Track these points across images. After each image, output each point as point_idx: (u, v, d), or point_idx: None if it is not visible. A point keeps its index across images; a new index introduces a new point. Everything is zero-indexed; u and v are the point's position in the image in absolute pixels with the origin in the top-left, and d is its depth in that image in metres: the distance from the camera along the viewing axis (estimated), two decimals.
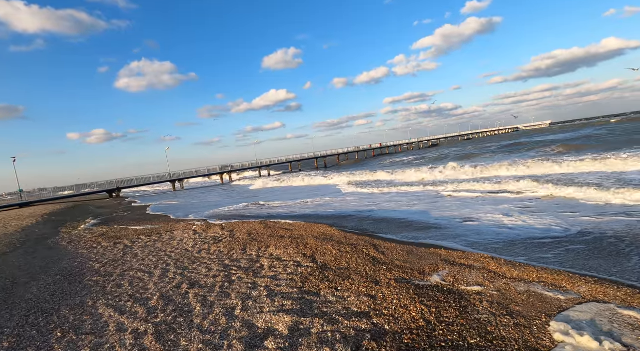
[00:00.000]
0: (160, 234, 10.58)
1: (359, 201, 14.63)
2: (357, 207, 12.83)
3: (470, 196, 12.33)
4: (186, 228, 11.07)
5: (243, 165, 56.03)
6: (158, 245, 8.98)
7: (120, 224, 14.51)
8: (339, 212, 12.24)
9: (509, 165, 18.43)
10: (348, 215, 11.37)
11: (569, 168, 15.70)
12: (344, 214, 11.58)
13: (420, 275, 4.54)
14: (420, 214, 10.03)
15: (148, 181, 45.64)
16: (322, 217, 11.37)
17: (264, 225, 9.76)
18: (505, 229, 7.28)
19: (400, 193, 15.57)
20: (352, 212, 11.88)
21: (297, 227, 9.12)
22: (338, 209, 12.83)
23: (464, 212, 9.67)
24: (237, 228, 10.05)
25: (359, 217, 10.79)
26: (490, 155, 32.75)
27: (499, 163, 19.22)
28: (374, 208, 12.20)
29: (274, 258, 6.46)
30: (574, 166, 15.70)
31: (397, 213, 10.60)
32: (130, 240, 10.14)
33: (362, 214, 11.15)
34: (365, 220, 10.06)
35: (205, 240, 8.88)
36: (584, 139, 35.07)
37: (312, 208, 14.00)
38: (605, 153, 18.33)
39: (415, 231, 7.91)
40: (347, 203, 14.42)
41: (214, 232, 9.97)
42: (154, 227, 12.48)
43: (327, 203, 14.99)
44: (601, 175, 13.18)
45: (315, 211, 13.04)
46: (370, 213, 11.08)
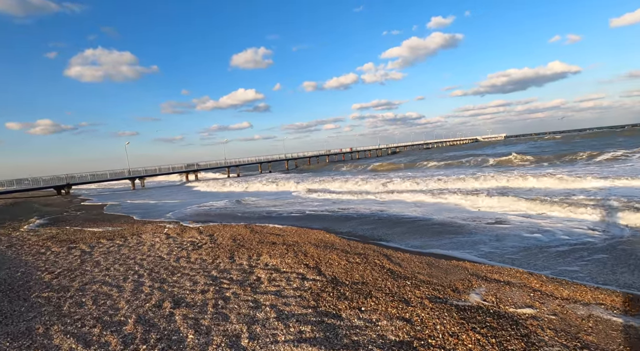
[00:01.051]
0: (125, 238, 9.21)
1: (334, 204, 14.09)
2: (336, 209, 12.27)
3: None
4: (156, 231, 9.78)
5: (210, 164, 53.46)
6: (124, 251, 7.71)
7: (74, 225, 12.69)
8: (327, 214, 11.57)
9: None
10: (338, 216, 10.74)
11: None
12: (333, 216, 10.93)
13: (454, 292, 4.00)
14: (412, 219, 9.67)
15: (104, 177, 41.83)
16: (312, 220, 10.63)
17: (250, 230, 8.81)
18: (510, 233, 7.06)
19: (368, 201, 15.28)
20: (337, 213, 11.28)
21: (289, 232, 8.31)
22: (323, 211, 12.17)
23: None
24: (217, 232, 9.00)
25: (341, 217, 10.21)
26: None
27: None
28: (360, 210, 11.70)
29: (270, 268, 5.62)
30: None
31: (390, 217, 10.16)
32: (88, 244, 8.70)
33: (349, 216, 10.59)
34: (361, 224, 9.48)
35: (182, 246, 7.77)
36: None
37: (296, 211, 13.19)
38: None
39: (423, 238, 7.46)
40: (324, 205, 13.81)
41: (191, 236, 8.84)
42: (116, 229, 10.97)
43: (307, 205, 14.27)
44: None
45: (302, 213, 12.26)
46: (362, 215, 10.55)
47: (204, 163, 52.25)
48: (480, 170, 22.97)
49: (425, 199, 13.19)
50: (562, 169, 19.43)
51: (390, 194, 15.37)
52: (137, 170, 43.78)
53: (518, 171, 18.92)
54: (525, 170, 20.54)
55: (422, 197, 13.64)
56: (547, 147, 46.13)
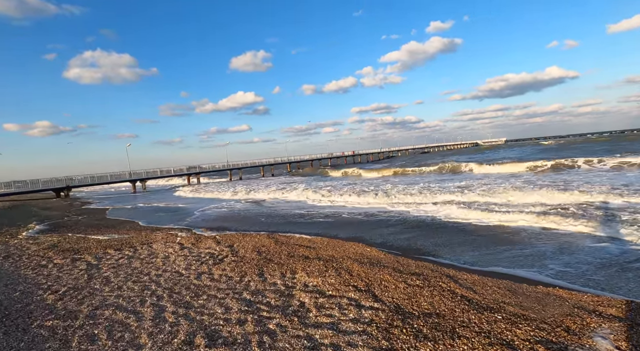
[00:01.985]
0: (134, 248, 8.38)
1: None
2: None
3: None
4: (168, 241, 8.94)
5: (213, 166, 52.62)
6: (136, 264, 6.88)
7: (76, 231, 11.84)
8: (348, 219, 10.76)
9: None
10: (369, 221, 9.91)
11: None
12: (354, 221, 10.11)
13: (569, 334, 3.17)
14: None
15: (104, 180, 40.92)
16: (338, 228, 9.81)
17: (274, 240, 7.99)
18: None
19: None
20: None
21: (320, 243, 7.49)
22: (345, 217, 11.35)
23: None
24: (237, 242, 8.17)
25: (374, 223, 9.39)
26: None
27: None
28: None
29: (312, 291, 4.80)
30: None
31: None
32: (94, 255, 7.86)
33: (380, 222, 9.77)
34: (395, 233, 8.66)
35: (200, 259, 6.94)
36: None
37: (317, 215, 12.37)
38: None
39: (474, 251, 6.66)
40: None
41: (208, 246, 8.02)
42: (123, 236, 10.13)
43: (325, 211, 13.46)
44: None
45: (324, 219, 11.44)
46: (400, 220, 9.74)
47: (206, 166, 51.39)
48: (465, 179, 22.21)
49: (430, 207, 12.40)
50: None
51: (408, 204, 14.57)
52: (138, 173, 42.91)
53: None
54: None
55: (432, 206, 12.86)
56: (541, 152, 45.44)
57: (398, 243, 7.78)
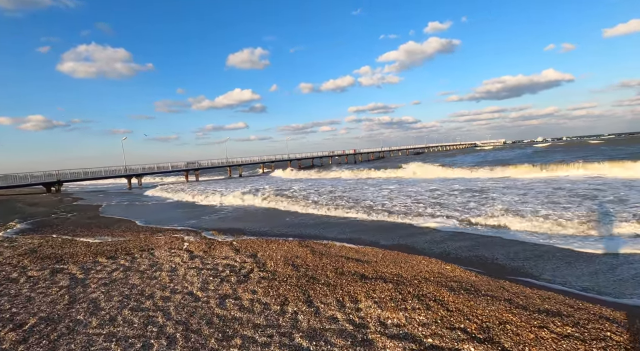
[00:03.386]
0: (131, 255, 6.76)
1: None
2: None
3: None
4: (173, 246, 7.33)
5: (212, 163, 50.79)
6: (134, 279, 5.27)
7: (62, 232, 10.17)
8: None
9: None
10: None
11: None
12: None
13: None
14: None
15: (98, 175, 38.97)
16: (374, 233, 8.25)
17: (309, 249, 6.39)
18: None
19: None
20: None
21: (374, 256, 5.90)
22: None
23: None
24: (261, 250, 6.58)
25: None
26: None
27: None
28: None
29: (398, 335, 3.23)
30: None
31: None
32: (81, 265, 6.23)
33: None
34: (451, 240, 7.12)
35: (218, 273, 5.35)
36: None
37: (343, 219, 10.79)
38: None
39: (567, 266, 5.14)
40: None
41: (225, 255, 6.42)
42: (118, 240, 8.49)
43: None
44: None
45: (354, 223, 9.86)
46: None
47: (205, 162, 49.56)
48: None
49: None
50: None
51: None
52: (134, 168, 41.03)
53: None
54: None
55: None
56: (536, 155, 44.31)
57: (463, 255, 6.24)
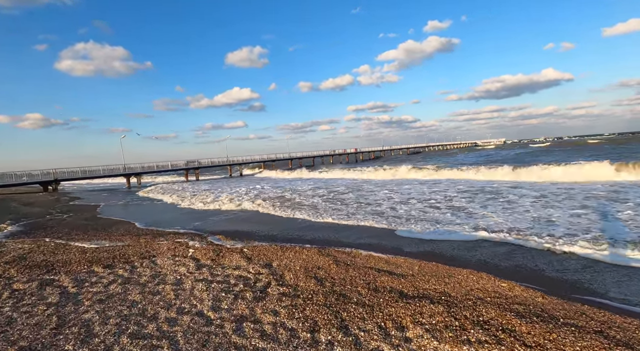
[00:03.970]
0: (131, 263, 6.07)
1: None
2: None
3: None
4: (177, 253, 6.64)
5: (212, 162, 50.05)
6: (134, 295, 4.59)
7: (56, 235, 9.47)
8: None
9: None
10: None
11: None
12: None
13: None
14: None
15: (96, 174, 38.18)
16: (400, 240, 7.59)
17: (332, 259, 5.70)
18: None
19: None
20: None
21: (408, 267, 5.19)
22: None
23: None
24: (276, 259, 5.89)
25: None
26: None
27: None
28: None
29: None
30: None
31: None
32: (74, 276, 5.54)
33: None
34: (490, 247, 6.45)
35: (230, 287, 4.66)
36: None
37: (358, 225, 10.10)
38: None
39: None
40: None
41: (235, 264, 5.73)
42: (116, 245, 7.80)
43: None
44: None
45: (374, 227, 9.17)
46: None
47: (205, 161, 48.80)
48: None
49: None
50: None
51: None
52: (133, 167, 40.27)
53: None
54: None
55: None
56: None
57: (502, 264, 5.56)
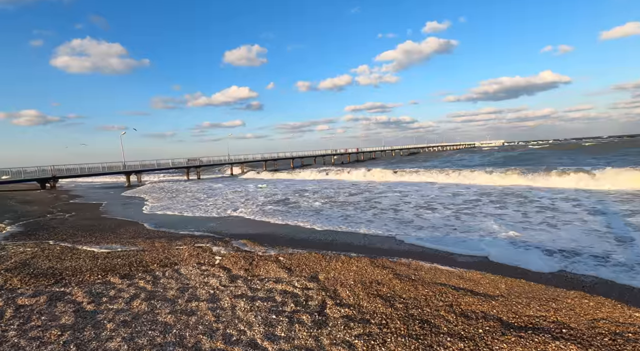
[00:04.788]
0: (151, 273, 5.30)
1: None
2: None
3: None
4: (201, 260, 5.87)
5: (213, 160, 49.14)
6: (164, 314, 3.81)
7: (61, 237, 8.65)
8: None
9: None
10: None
11: None
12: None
13: None
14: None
15: (96, 171, 37.12)
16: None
17: (390, 272, 4.93)
18: None
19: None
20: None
21: (492, 286, 4.43)
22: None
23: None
24: (321, 270, 5.13)
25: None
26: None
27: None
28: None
29: None
30: None
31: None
32: (88, 286, 4.76)
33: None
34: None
35: (278, 307, 3.90)
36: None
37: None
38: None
39: None
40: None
41: (274, 275, 4.97)
42: (129, 250, 7.01)
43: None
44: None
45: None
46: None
47: (206, 159, 47.86)
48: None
49: None
50: None
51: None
52: (133, 165, 39.29)
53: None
54: None
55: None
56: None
57: (587, 281, 4.84)
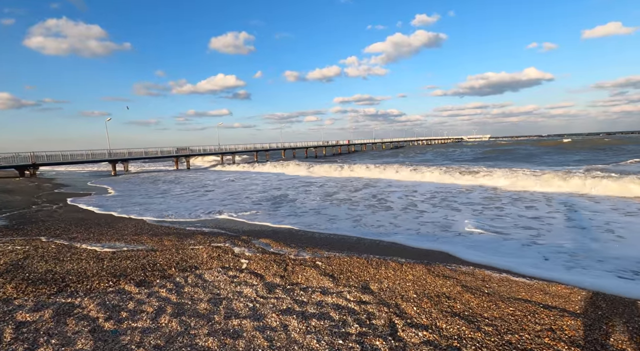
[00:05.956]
0: (170, 279, 4.59)
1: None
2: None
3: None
4: (224, 263, 5.18)
5: (204, 149, 47.66)
6: (203, 337, 3.13)
7: (53, 233, 7.75)
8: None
9: None
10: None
11: None
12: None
13: None
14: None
15: (79, 158, 35.19)
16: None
17: (456, 283, 4.35)
18: None
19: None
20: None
21: (588, 305, 3.94)
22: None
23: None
24: (371, 279, 4.53)
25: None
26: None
27: None
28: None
29: None
30: None
31: None
32: (100, 296, 4.02)
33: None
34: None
35: (338, 328, 3.28)
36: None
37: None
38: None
39: None
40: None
41: (319, 285, 4.35)
42: (136, 248, 6.23)
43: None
44: None
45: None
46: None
47: (196, 148, 46.34)
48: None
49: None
50: None
51: None
52: (120, 152, 37.56)
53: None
54: None
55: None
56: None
57: None
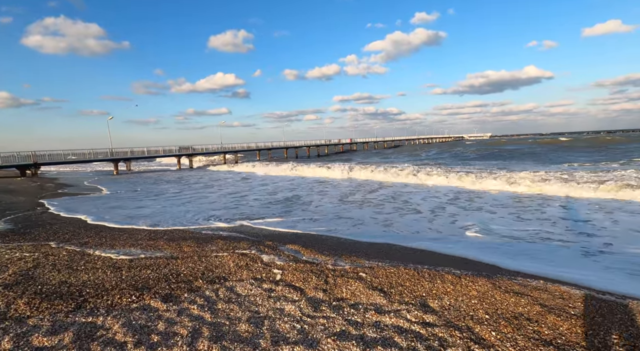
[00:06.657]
0: (199, 293, 4.12)
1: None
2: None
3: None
4: (256, 274, 4.70)
5: (206, 148, 47.19)
6: None
7: (63, 237, 7.26)
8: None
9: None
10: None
11: None
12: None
13: None
14: None
15: (81, 158, 34.66)
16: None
17: (532, 301, 3.81)
18: None
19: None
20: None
21: None
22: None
23: None
24: (428, 295, 4.05)
25: None
26: None
27: None
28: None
29: None
30: None
31: None
32: (124, 315, 3.54)
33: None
34: None
35: None
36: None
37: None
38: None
39: None
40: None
41: (370, 301, 3.88)
42: (154, 255, 5.75)
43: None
44: None
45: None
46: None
47: (199, 147, 45.87)
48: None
49: None
50: None
51: None
52: (122, 151, 37.07)
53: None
54: None
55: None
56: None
57: None
